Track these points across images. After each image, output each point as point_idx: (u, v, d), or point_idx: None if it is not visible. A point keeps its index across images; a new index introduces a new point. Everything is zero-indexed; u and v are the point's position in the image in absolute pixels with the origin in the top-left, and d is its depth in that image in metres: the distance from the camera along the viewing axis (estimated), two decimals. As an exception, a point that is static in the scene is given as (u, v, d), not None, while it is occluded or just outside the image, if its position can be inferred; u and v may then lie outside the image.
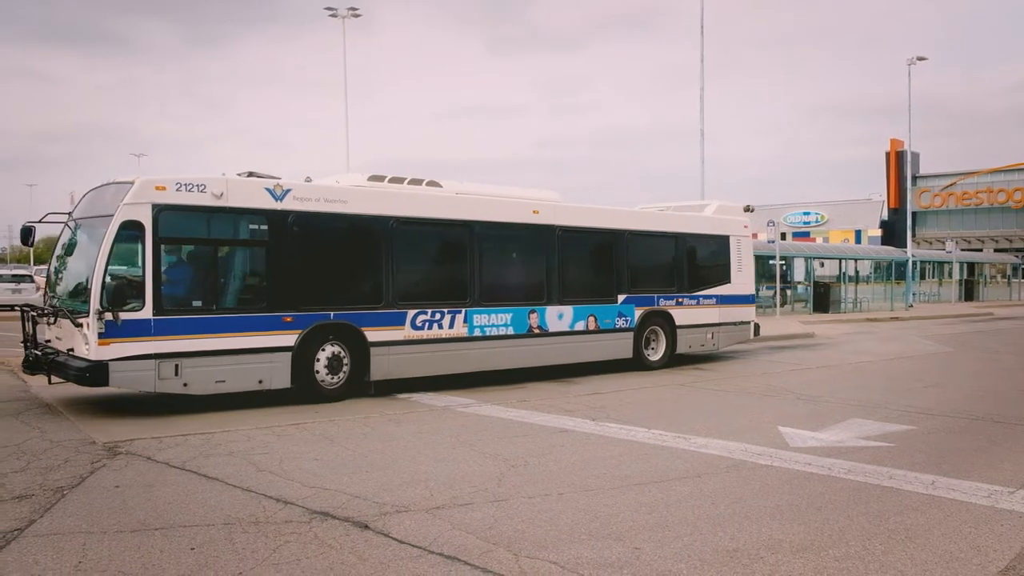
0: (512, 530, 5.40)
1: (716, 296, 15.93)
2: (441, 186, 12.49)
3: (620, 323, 14.27)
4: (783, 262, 33.00)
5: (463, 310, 12.07)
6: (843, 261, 37.59)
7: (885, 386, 12.84)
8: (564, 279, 13.54)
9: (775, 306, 31.70)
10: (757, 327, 16.90)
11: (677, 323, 15.14)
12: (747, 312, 16.69)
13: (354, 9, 37.48)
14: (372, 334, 11.05)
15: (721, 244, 16.23)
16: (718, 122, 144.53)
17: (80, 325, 9.22)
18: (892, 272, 39.80)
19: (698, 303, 15.60)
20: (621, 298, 14.33)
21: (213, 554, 4.89)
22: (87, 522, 5.46)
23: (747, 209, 17.02)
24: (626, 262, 14.51)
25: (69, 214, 10.66)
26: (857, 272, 38.24)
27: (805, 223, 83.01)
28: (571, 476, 6.90)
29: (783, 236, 37.99)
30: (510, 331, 12.66)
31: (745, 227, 16.76)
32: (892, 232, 73.08)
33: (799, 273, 37.77)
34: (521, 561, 4.83)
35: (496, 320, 12.49)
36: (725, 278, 16.19)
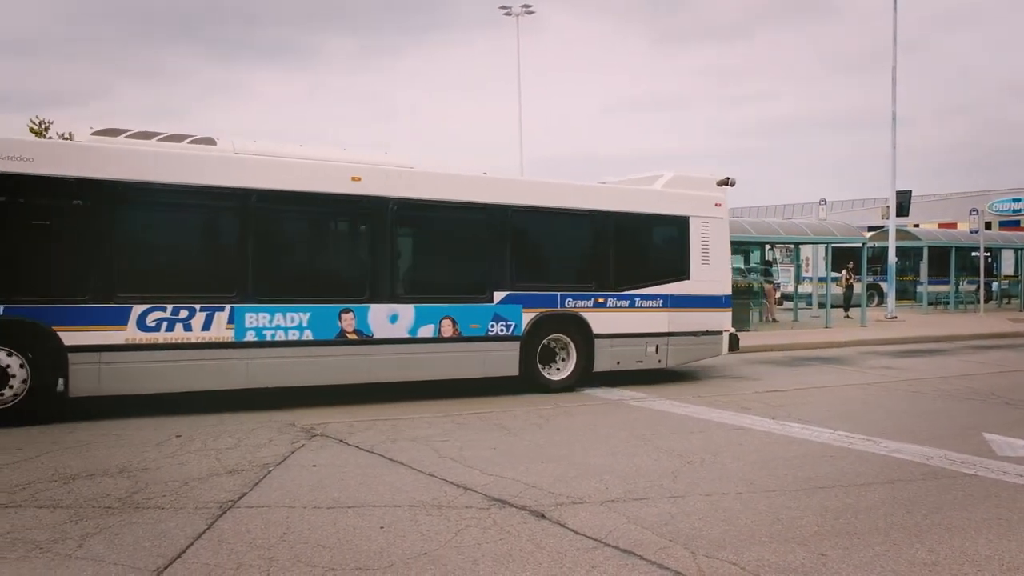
0: (689, 527, 5.31)
1: (664, 296, 12.09)
2: (215, 144, 9.72)
3: (497, 329, 10.84)
4: (988, 254, 30.14)
5: (227, 306, 9.28)
6: (1062, 252, 33.74)
7: (1114, 392, 11.42)
8: (401, 269, 10.57)
9: (978, 302, 29.05)
10: (735, 339, 12.85)
11: (596, 331, 11.48)
12: (716, 319, 12.57)
13: (527, 6, 38.20)
14: (72, 336, 8.54)
15: (675, 227, 12.36)
16: (905, 105, 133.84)
17: None
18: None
19: (633, 305, 11.82)
20: (499, 296, 10.88)
21: (400, 533, 5.17)
22: (289, 497, 5.94)
23: (725, 183, 12.92)
24: (509, 248, 11.05)
25: None
26: (1079, 264, 34.17)
27: (1015, 211, 75.23)
28: (750, 475, 6.69)
29: (987, 226, 34.70)
30: (308, 336, 9.68)
31: (717, 206, 12.71)
32: (1124, 219, 64.57)
33: (1007, 266, 34.36)
34: (699, 560, 4.75)
35: (283, 321, 9.57)
36: (680, 272, 12.28)
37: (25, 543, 4.87)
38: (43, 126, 26.95)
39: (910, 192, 29.08)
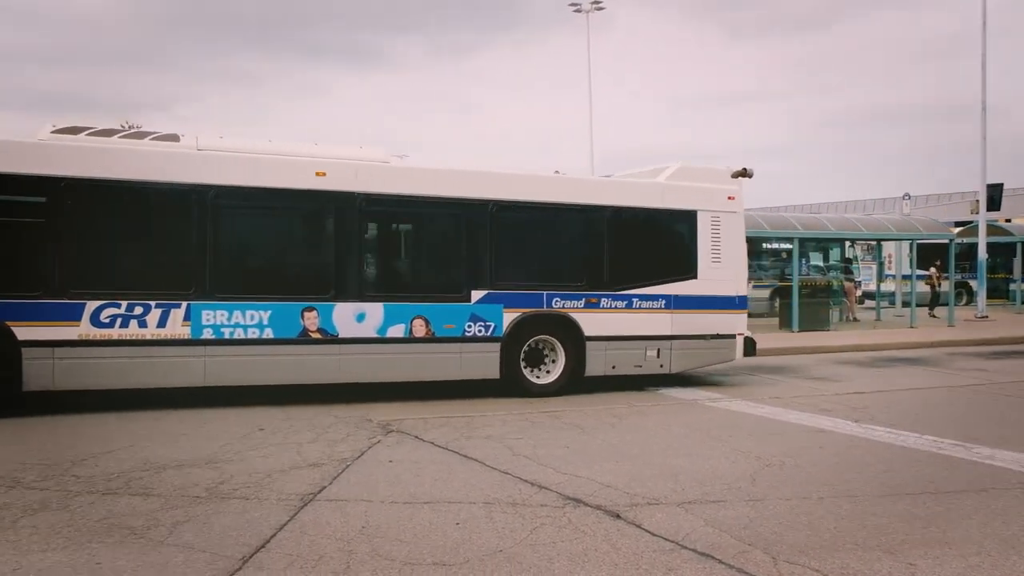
0: (769, 532, 5.20)
1: (666, 297, 11.24)
2: (178, 140, 9.64)
3: (474, 330, 10.33)
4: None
5: (184, 303, 9.19)
6: None
7: None
8: (369, 266, 10.23)
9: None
10: (751, 343, 11.81)
11: (588, 333, 10.77)
12: (728, 321, 11.59)
13: (597, 2, 37.92)
14: (25, 331, 8.64)
15: (680, 222, 11.47)
16: (995, 94, 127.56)
17: None
18: None
19: (630, 306, 11.04)
20: (478, 295, 10.36)
21: (475, 530, 5.21)
22: (367, 491, 6.05)
23: (742, 175, 11.93)
24: (489, 246, 10.49)
25: None
26: None
27: (1116, 204, 71.08)
28: (832, 479, 6.50)
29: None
30: (268, 334, 9.48)
31: (730, 199, 11.71)
32: None
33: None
34: (779, 565, 4.64)
35: (242, 318, 9.40)
36: (686, 271, 11.40)
37: (121, 529, 5.10)
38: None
39: (1001, 185, 27.74)
